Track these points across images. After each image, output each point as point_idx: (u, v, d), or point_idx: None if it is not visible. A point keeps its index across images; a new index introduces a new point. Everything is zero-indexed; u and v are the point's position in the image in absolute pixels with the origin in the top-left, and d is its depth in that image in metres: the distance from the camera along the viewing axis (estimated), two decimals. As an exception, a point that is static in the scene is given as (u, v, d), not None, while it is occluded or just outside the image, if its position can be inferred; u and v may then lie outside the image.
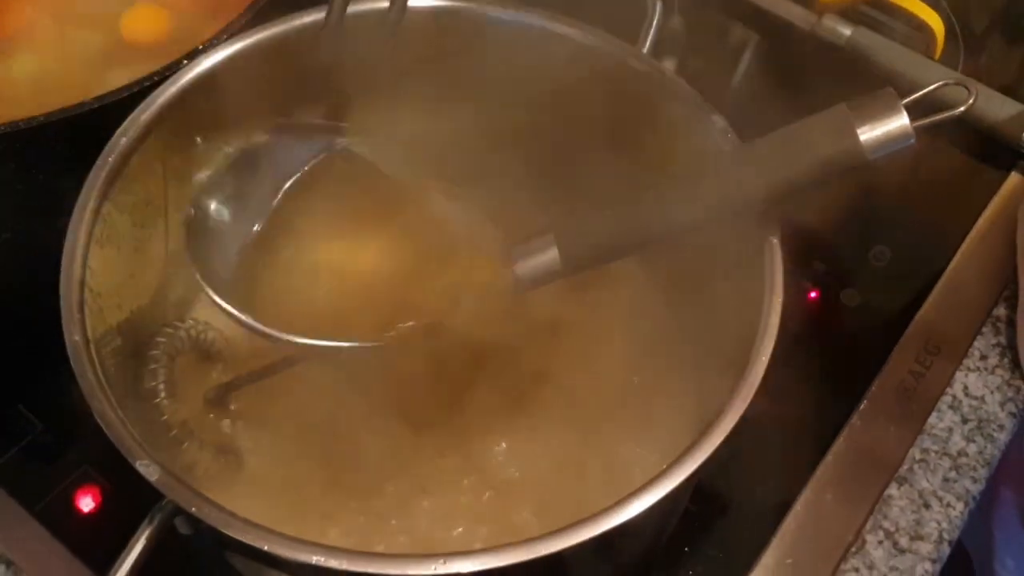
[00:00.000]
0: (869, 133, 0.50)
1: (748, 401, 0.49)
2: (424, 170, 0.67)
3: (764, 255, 0.54)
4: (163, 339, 0.61)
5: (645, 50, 0.63)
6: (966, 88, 0.52)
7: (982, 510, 0.72)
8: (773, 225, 0.54)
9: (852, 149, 0.50)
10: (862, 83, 0.91)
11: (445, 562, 0.44)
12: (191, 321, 0.64)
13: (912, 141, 0.50)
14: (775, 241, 0.54)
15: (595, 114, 0.65)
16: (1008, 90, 0.88)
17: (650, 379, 0.67)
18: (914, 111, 0.50)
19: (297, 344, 0.58)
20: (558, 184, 0.69)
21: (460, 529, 0.61)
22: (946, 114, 0.50)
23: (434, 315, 0.60)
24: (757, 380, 0.50)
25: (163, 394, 0.59)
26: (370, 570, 0.44)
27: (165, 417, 0.59)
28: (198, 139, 0.62)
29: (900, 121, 0.49)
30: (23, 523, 0.64)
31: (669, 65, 0.66)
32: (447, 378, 0.66)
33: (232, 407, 0.65)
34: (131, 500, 0.48)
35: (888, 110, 0.50)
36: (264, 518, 0.46)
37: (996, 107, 0.86)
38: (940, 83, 0.52)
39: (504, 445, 0.64)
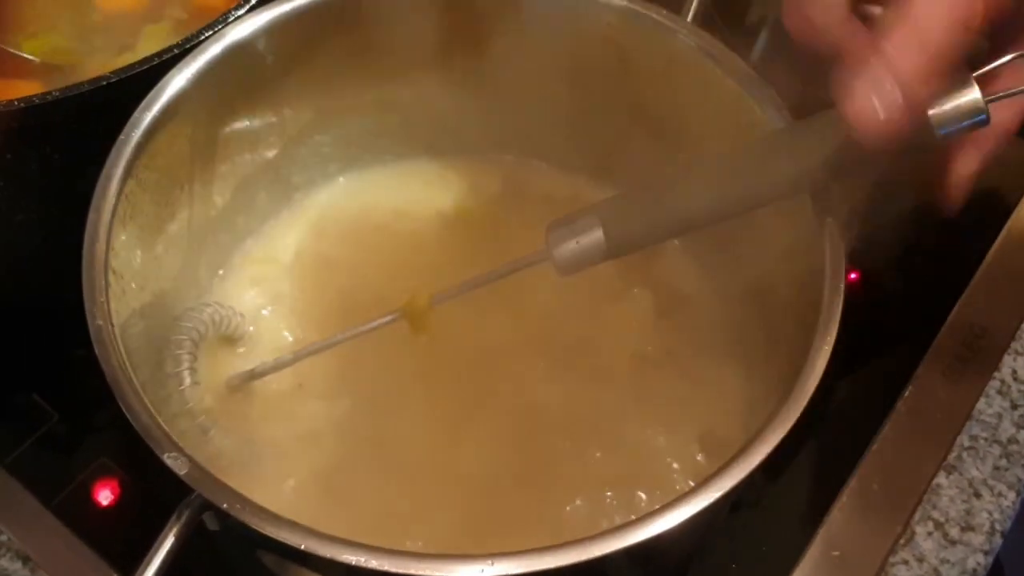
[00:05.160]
0: (938, 108, 0.47)
1: (810, 395, 0.46)
2: (454, 144, 0.65)
3: (824, 237, 0.51)
4: (187, 323, 0.58)
5: (689, 19, 0.60)
6: (1043, 61, 0.49)
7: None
8: (832, 206, 0.52)
9: (919, 125, 0.47)
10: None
11: (493, 563, 0.42)
12: (215, 305, 0.61)
13: (984, 117, 0.46)
14: (833, 222, 0.51)
15: (636, 88, 0.62)
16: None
17: (690, 363, 0.65)
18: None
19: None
20: (597, 162, 0.66)
21: (497, 525, 0.59)
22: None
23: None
24: (819, 372, 0.47)
25: (188, 380, 0.57)
26: (412, 571, 0.42)
27: (190, 404, 0.56)
28: (227, 114, 0.59)
29: (971, 95, 0.46)
30: (40, 518, 0.62)
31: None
32: (482, 362, 0.64)
33: (256, 394, 0.63)
34: (152, 493, 0.46)
35: (958, 83, 0.47)
36: (288, 512, 0.43)
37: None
38: (1015, 54, 0.49)
39: (546, 431, 0.62)
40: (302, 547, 0.42)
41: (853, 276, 0.75)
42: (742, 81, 0.57)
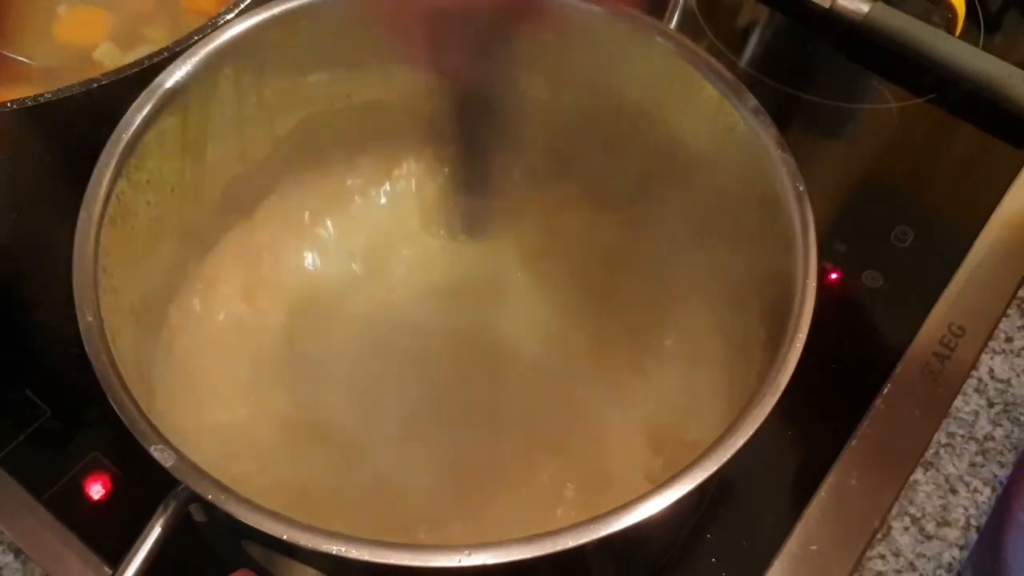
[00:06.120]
0: None
1: (781, 391, 0.47)
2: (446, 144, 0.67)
3: (795, 234, 0.52)
4: None
5: (672, 25, 0.61)
6: None
7: (992, 533, 0.70)
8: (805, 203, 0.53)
9: None
10: (879, 61, 0.90)
11: (469, 554, 0.43)
12: None
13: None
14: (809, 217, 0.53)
15: (617, 92, 0.63)
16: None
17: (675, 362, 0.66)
18: None
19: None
20: (576, 164, 0.67)
21: (477, 521, 0.60)
22: None
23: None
24: (791, 368, 0.48)
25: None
26: (392, 561, 0.43)
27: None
28: (217, 116, 0.60)
29: None
30: (32, 511, 0.63)
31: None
32: (458, 363, 0.65)
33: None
34: (142, 487, 0.46)
35: None
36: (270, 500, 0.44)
37: (1020, 83, 0.84)
38: None
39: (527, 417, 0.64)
40: (284, 537, 0.43)
41: (834, 276, 0.77)
42: (719, 85, 0.58)
